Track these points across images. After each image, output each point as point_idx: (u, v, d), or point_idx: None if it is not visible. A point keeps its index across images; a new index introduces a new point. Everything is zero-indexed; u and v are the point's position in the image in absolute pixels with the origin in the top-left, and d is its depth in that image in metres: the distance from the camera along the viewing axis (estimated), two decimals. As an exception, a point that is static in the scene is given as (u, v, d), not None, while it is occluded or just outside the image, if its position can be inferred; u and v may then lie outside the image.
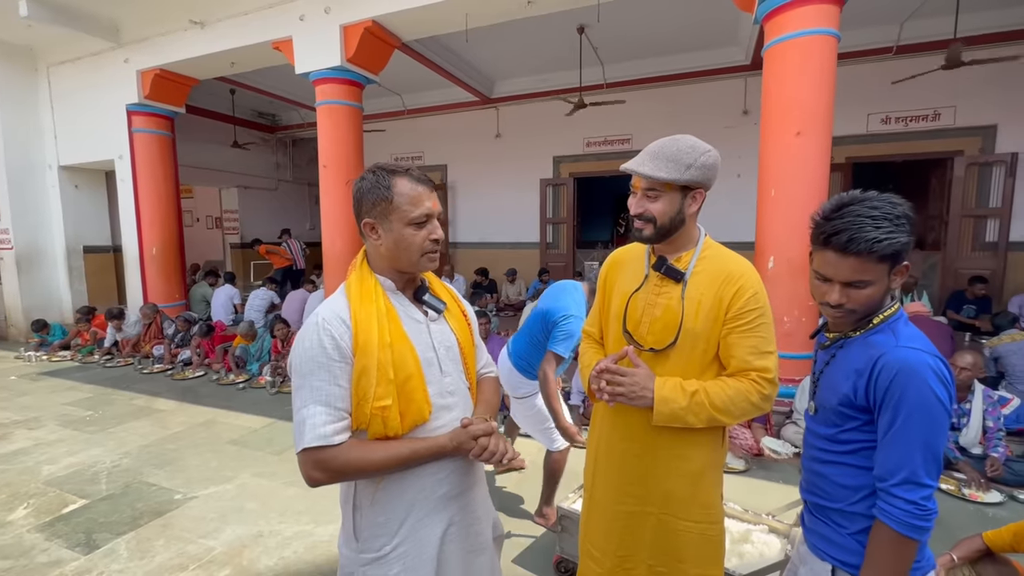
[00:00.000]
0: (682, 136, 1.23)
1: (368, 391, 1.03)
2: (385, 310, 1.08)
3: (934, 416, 0.96)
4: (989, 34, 6.18)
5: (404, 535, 1.09)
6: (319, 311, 1.07)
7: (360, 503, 1.11)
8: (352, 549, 1.12)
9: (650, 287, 1.30)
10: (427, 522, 1.11)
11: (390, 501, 1.09)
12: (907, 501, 0.96)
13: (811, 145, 3.76)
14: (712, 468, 1.30)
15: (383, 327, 1.06)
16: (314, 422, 1.00)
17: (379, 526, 1.09)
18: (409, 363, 1.06)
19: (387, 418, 1.04)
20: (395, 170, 1.08)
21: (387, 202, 1.06)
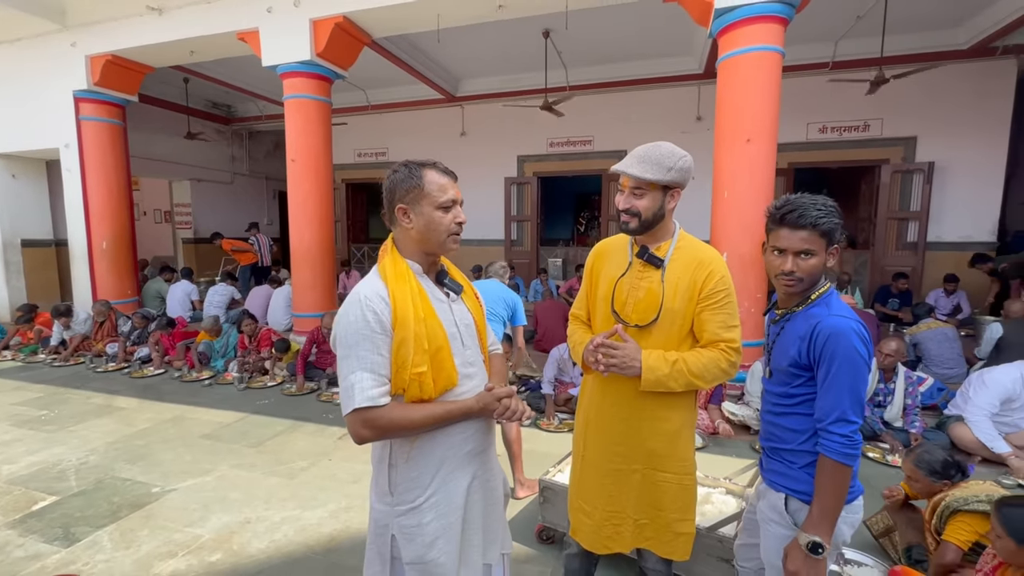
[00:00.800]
0: (662, 143, 1.44)
1: (407, 359, 1.17)
2: (417, 290, 1.23)
3: (857, 367, 1.22)
4: (912, 54, 6.87)
5: (435, 487, 1.24)
6: (361, 290, 1.19)
7: (395, 461, 1.24)
8: (387, 503, 1.25)
9: (634, 272, 1.51)
10: (455, 475, 1.27)
11: (423, 458, 1.24)
12: (840, 435, 1.22)
13: (759, 151, 4.13)
14: (687, 427, 1.52)
15: (416, 304, 1.20)
16: (362, 386, 1.13)
17: (413, 480, 1.23)
18: (439, 336, 1.22)
19: (423, 383, 1.19)
20: (424, 163, 1.25)
21: (419, 189, 1.22)
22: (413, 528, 1.23)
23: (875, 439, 3.55)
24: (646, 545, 1.55)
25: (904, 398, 3.59)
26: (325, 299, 5.85)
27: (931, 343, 4.48)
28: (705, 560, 2.01)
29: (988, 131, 7.16)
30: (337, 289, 6.91)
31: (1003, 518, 1.53)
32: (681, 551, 1.53)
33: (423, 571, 1.22)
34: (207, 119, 10.53)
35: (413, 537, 1.23)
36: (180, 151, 9.86)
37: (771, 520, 1.41)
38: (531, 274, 9.16)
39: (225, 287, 7.45)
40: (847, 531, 1.33)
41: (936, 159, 7.29)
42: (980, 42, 6.53)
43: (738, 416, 3.52)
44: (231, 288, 7.54)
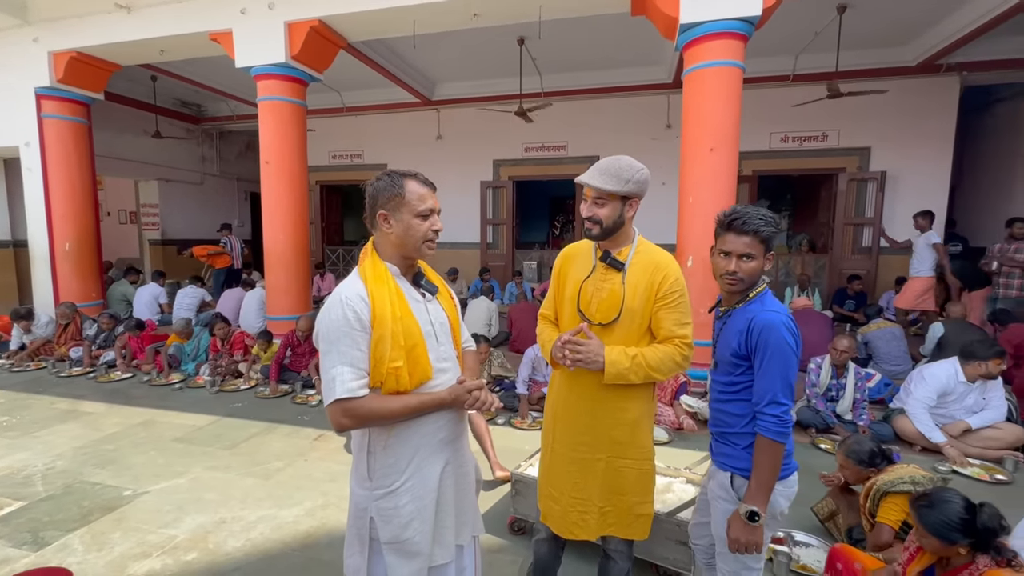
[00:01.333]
0: (622, 156, 1.58)
1: (385, 354, 1.26)
2: (395, 291, 1.32)
3: (787, 356, 1.39)
4: (865, 69, 7.28)
5: (411, 472, 1.34)
6: (342, 291, 1.29)
7: (374, 448, 1.34)
8: (366, 488, 1.34)
9: (597, 275, 1.64)
10: (429, 461, 1.37)
11: (400, 445, 1.33)
12: (773, 416, 1.38)
13: (722, 160, 4.35)
14: (646, 416, 1.65)
15: (394, 304, 1.30)
16: (343, 379, 1.23)
17: (390, 466, 1.33)
18: (415, 333, 1.32)
19: (399, 376, 1.28)
20: (406, 173, 1.35)
21: (400, 197, 1.31)
22: (390, 510, 1.32)
23: (828, 431, 3.78)
24: (610, 531, 1.67)
25: (854, 392, 3.84)
26: (300, 302, 5.84)
27: (880, 341, 4.78)
28: (664, 543, 2.15)
29: (935, 143, 7.64)
30: (311, 292, 6.88)
31: (923, 522, 1.67)
32: (640, 531, 1.66)
33: (399, 549, 1.31)
34: (176, 118, 10.31)
35: (390, 519, 1.32)
36: (147, 150, 9.63)
37: (719, 497, 1.55)
38: (506, 277, 9.28)
39: (195, 289, 7.34)
40: (783, 503, 1.49)
41: (888, 168, 7.74)
42: (926, 59, 6.98)
43: (695, 408, 3.72)
44: (201, 291, 7.42)
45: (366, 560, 1.36)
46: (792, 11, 4.93)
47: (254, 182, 12.50)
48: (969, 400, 3.44)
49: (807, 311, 5.20)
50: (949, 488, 1.79)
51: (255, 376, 5.13)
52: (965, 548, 1.61)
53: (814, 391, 3.93)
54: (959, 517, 1.62)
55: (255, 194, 12.10)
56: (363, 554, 1.35)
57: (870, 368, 4.68)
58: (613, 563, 1.73)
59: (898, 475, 2.11)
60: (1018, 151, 8.06)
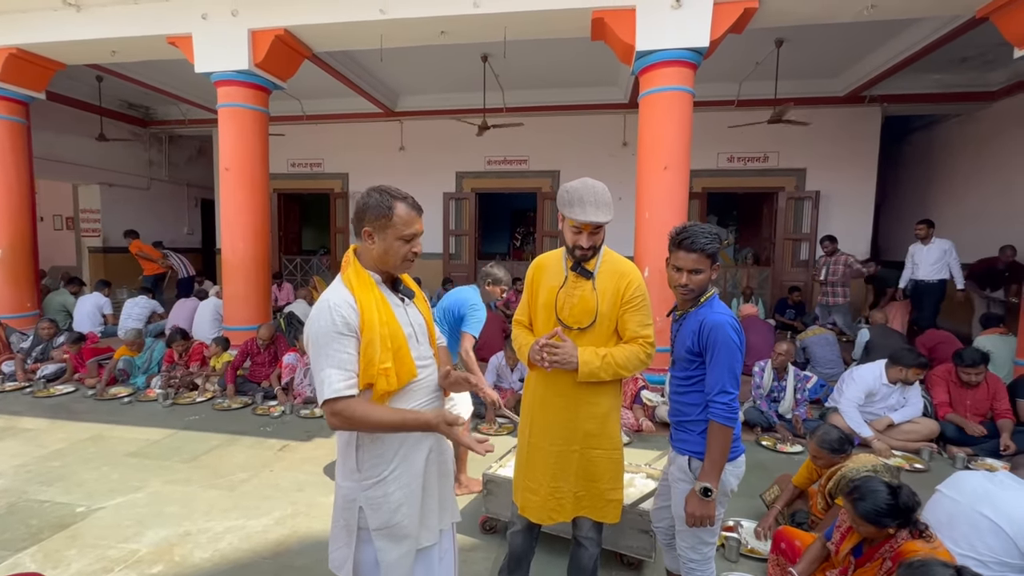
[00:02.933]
0: (593, 184, 1.73)
1: (375, 357, 1.34)
2: (380, 297, 1.41)
3: (732, 350, 1.59)
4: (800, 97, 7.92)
5: (398, 461, 1.42)
6: (329, 297, 1.35)
7: (362, 442, 1.41)
8: (354, 480, 1.41)
9: (569, 284, 1.80)
10: (415, 450, 1.46)
11: (386, 437, 1.42)
12: (721, 403, 1.58)
13: (675, 177, 4.66)
14: (614, 410, 1.83)
15: (380, 310, 1.38)
16: (330, 380, 1.30)
17: (378, 457, 1.41)
18: (399, 336, 1.41)
19: (388, 376, 1.37)
20: (396, 195, 1.41)
21: (387, 218, 1.38)
22: (379, 498, 1.40)
23: (771, 430, 4.10)
24: (584, 513, 1.82)
25: (794, 393, 4.19)
26: (259, 311, 5.71)
27: (816, 347, 5.20)
28: (629, 533, 2.31)
29: (861, 166, 8.40)
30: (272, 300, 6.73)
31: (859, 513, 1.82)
32: (612, 515, 1.81)
33: (389, 534, 1.40)
34: (122, 120, 9.84)
35: (380, 506, 1.40)
36: (90, 153, 9.14)
37: (679, 479, 1.73)
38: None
39: (146, 300, 7.03)
40: (733, 481, 1.69)
41: (822, 188, 8.42)
42: (853, 91, 7.70)
43: (654, 402, 3.98)
44: (152, 302, 7.11)
45: (352, 549, 1.42)
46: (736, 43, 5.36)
47: (206, 188, 12.09)
48: (892, 399, 3.84)
49: (753, 318, 5.59)
50: (872, 477, 2.02)
51: (212, 388, 4.98)
52: (893, 528, 1.83)
53: (759, 392, 4.26)
54: (886, 503, 1.81)
55: (207, 200, 11.67)
56: (350, 545, 1.42)
57: (808, 371, 5.09)
58: (584, 549, 1.87)
59: (862, 463, 2.35)
60: (930, 176, 8.99)
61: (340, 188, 10.12)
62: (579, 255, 1.77)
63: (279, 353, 5.06)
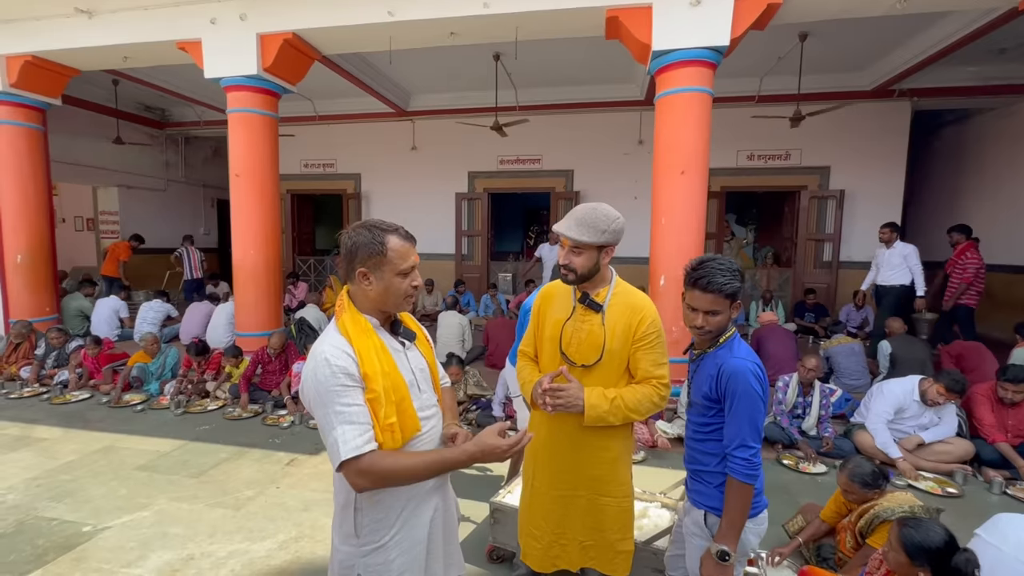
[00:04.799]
0: (599, 205, 1.62)
1: (379, 413, 1.22)
2: (379, 345, 1.28)
3: (754, 401, 1.45)
4: (825, 92, 7.63)
5: (400, 526, 1.30)
6: (323, 348, 1.22)
7: (361, 505, 1.29)
8: (352, 545, 1.29)
9: (577, 317, 1.68)
10: (418, 511, 1.34)
11: (389, 498, 1.28)
12: (741, 459, 1.44)
13: (692, 182, 4.48)
14: (625, 453, 1.70)
15: (381, 359, 1.26)
16: (345, 439, 1.17)
17: (379, 521, 1.28)
18: (401, 387, 1.29)
19: (394, 432, 1.24)
20: (387, 228, 1.29)
21: (381, 256, 1.26)
22: (379, 566, 1.29)
23: (792, 447, 3.93)
24: (591, 564, 1.71)
25: (819, 409, 4.00)
26: (271, 318, 5.70)
27: (841, 357, 4.99)
28: (641, 572, 2.19)
29: (889, 163, 8.06)
30: (283, 302, 6.72)
31: (902, 537, 1.75)
32: (622, 568, 1.70)
33: None
34: (139, 123, 9.95)
35: (380, 574, 1.30)
36: (107, 156, 9.26)
37: (694, 534, 1.60)
38: (481, 289, 9.28)
39: (161, 304, 7.08)
40: (754, 540, 1.55)
41: (846, 187, 8.12)
42: (881, 84, 7.38)
43: (669, 434, 3.78)
44: (167, 305, 7.16)
45: None
46: (757, 38, 5.13)
47: (221, 188, 12.19)
48: (924, 418, 3.63)
49: (773, 327, 5.39)
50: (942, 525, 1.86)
51: (223, 395, 4.98)
52: (925, 572, 1.70)
53: (780, 408, 4.08)
54: (935, 546, 1.69)
55: (223, 201, 11.77)
56: None
57: (831, 383, 4.89)
58: (593, 600, 1.76)
59: (898, 503, 2.19)
60: (961, 170, 8.59)
61: (353, 189, 10.10)
62: (563, 276, 1.64)
63: (289, 361, 5.03)
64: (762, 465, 1.48)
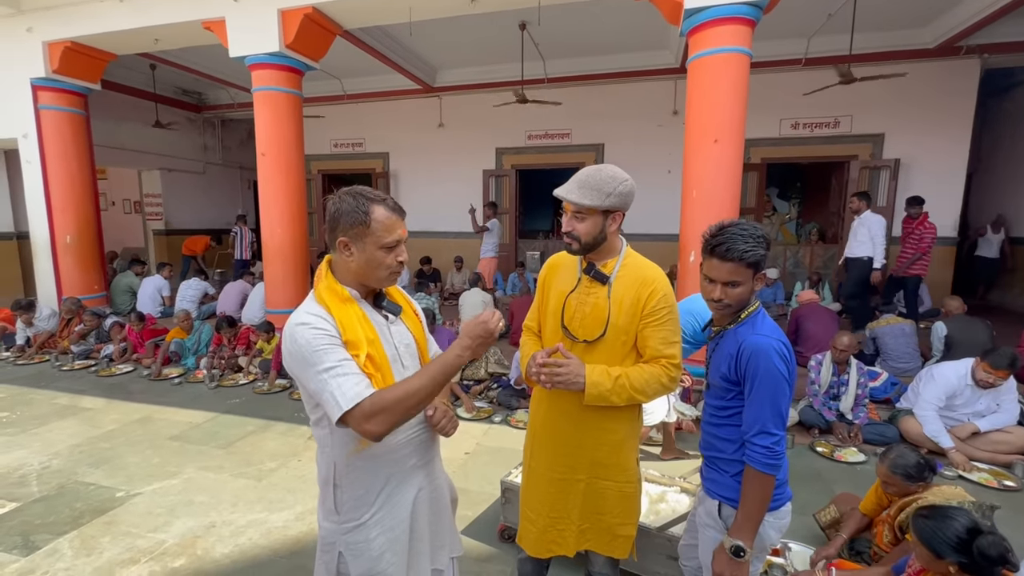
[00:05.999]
0: (605, 166, 1.47)
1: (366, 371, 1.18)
2: (360, 314, 1.23)
3: (777, 383, 1.30)
4: (881, 52, 7.00)
5: (381, 503, 1.27)
6: (298, 317, 1.18)
7: (340, 481, 1.26)
8: (333, 521, 1.27)
9: (582, 288, 1.55)
10: (401, 489, 1.30)
11: (368, 476, 1.25)
12: (762, 447, 1.30)
13: (727, 152, 4.19)
14: (631, 437, 1.58)
15: (364, 327, 1.21)
16: (343, 390, 1.11)
17: (358, 499, 1.25)
18: (383, 362, 1.24)
19: None
20: (373, 198, 1.21)
21: (364, 226, 1.19)
22: (360, 544, 1.26)
23: (828, 432, 3.69)
24: (588, 546, 1.62)
25: (856, 389, 3.72)
26: (298, 295, 5.79)
27: (889, 338, 4.64)
28: (655, 558, 2.09)
29: (952, 129, 7.36)
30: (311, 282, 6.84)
31: (917, 529, 1.62)
32: (621, 549, 1.60)
33: None
34: (177, 107, 10.23)
35: (360, 553, 1.26)
36: (149, 140, 9.58)
37: (707, 525, 1.48)
38: (509, 267, 9.18)
39: (198, 282, 7.35)
40: (774, 535, 1.41)
41: (902, 156, 7.48)
42: (946, 41, 6.68)
43: (687, 415, 3.62)
44: (204, 283, 7.43)
45: None
46: (804, -7, 4.72)
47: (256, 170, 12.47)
48: (980, 404, 3.33)
49: (813, 305, 5.06)
50: (961, 508, 1.70)
51: (254, 370, 5.12)
52: (955, 566, 1.55)
53: (813, 389, 3.83)
54: (956, 536, 1.56)
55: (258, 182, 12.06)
56: None
57: (877, 365, 4.57)
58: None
59: (945, 498, 1.99)
60: (1038, 137, 7.77)
61: (381, 168, 10.12)
62: (567, 245, 1.52)
63: (316, 337, 5.11)
64: (786, 454, 1.33)
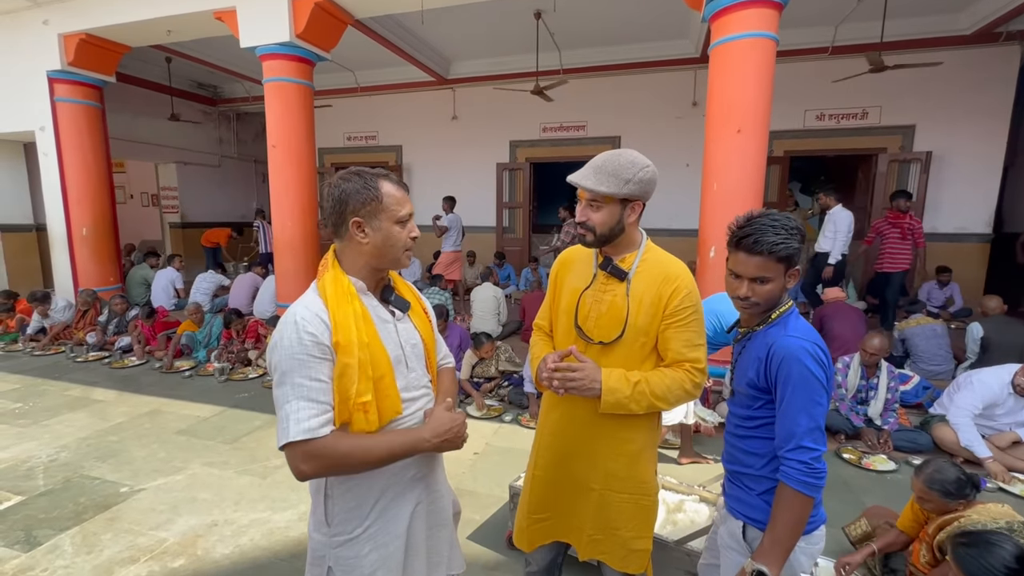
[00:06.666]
0: (624, 151, 1.34)
1: (350, 389, 1.09)
2: (360, 312, 1.14)
3: (812, 390, 1.16)
4: (913, 39, 6.68)
5: (374, 517, 1.17)
6: (296, 311, 1.10)
7: (332, 491, 1.17)
8: (324, 534, 1.19)
9: (597, 285, 1.42)
10: (397, 503, 1.20)
11: (362, 487, 1.16)
12: (799, 463, 1.16)
13: (750, 142, 4.00)
14: (649, 447, 1.45)
15: (360, 328, 1.12)
16: (298, 416, 1.04)
17: (351, 511, 1.16)
18: (382, 362, 1.14)
19: (368, 412, 1.11)
20: (376, 174, 1.16)
21: (377, 202, 1.13)
22: (351, 560, 1.17)
23: (856, 438, 3.51)
24: (601, 558, 1.50)
25: (886, 393, 3.53)
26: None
27: (919, 339, 4.42)
28: (672, 573, 1.97)
29: (988, 119, 7.00)
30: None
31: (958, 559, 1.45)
32: (636, 565, 1.47)
33: None
34: (192, 100, 10.26)
35: (351, 569, 1.17)
36: (165, 133, 9.63)
37: (729, 547, 1.35)
38: (523, 262, 9.05)
39: (213, 275, 7.36)
40: (805, 562, 1.27)
41: (934, 148, 7.15)
42: (983, 27, 6.34)
43: (708, 420, 3.44)
44: (219, 276, 7.44)
45: None
46: (834, -25, 4.48)
47: (271, 164, 12.53)
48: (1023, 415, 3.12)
49: (839, 304, 4.85)
50: (1006, 534, 1.54)
51: (263, 364, 5.09)
52: None
53: (840, 393, 3.64)
54: (1004, 566, 1.38)
55: (273, 176, 12.10)
56: None
57: (907, 368, 4.36)
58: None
59: (991, 517, 1.82)
60: (1082, 128, 7.36)
61: (394, 161, 10.04)
62: (580, 237, 1.39)
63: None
64: (825, 473, 1.18)
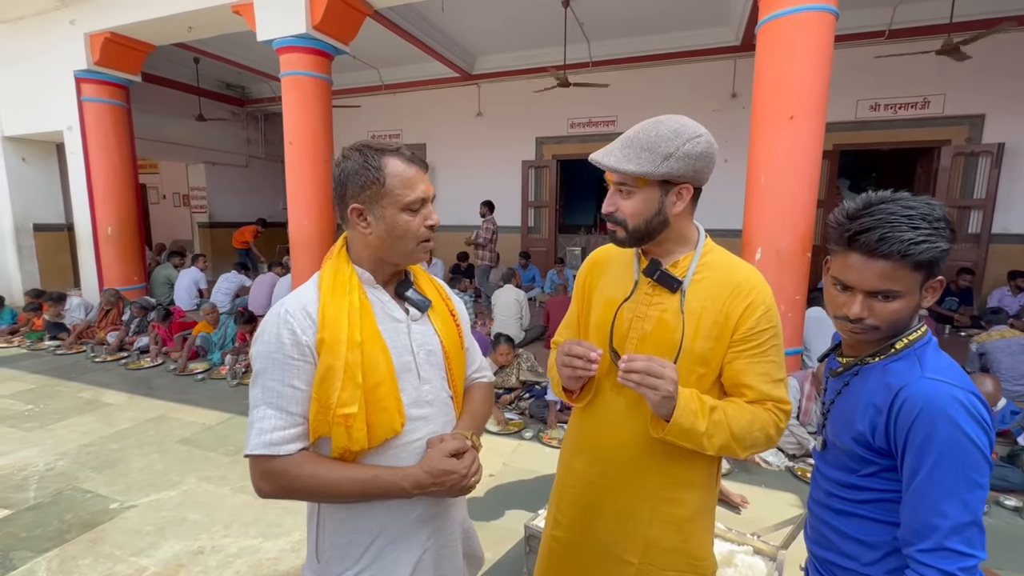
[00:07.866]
0: (668, 117, 0.99)
1: (331, 396, 0.89)
2: (359, 305, 0.93)
3: (968, 463, 0.77)
4: (984, 19, 6.02)
5: (368, 562, 0.96)
6: (285, 302, 0.95)
7: (323, 521, 0.98)
8: (312, 571, 1.00)
9: (641, 296, 1.07)
10: (396, 548, 0.97)
11: (355, 517, 0.96)
12: (939, 571, 0.77)
13: (805, 129, 3.56)
14: (706, 512, 1.09)
15: (354, 324, 0.92)
16: (261, 427, 0.88)
17: (342, 548, 0.96)
18: (381, 367, 0.92)
19: (351, 427, 0.89)
20: (383, 149, 0.94)
21: (378, 185, 0.92)
22: None
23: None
24: None
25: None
26: (325, 290, 5.56)
27: (1002, 354, 3.86)
28: (725, 652, 1.59)
29: (1070, 107, 6.28)
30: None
31: None
32: None
33: None
34: (221, 100, 10.33)
35: None
36: (194, 133, 9.70)
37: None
38: (548, 263, 8.72)
39: (235, 275, 7.29)
40: None
41: (1007, 140, 6.45)
42: (1068, 3, 5.66)
43: (772, 464, 2.97)
44: (241, 276, 7.37)
45: None
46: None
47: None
48: None
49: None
50: None
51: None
52: None
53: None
54: None
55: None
56: None
57: (987, 387, 3.80)
58: None
59: None
60: None
61: (418, 160, 9.86)
62: (610, 233, 1.04)
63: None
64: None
